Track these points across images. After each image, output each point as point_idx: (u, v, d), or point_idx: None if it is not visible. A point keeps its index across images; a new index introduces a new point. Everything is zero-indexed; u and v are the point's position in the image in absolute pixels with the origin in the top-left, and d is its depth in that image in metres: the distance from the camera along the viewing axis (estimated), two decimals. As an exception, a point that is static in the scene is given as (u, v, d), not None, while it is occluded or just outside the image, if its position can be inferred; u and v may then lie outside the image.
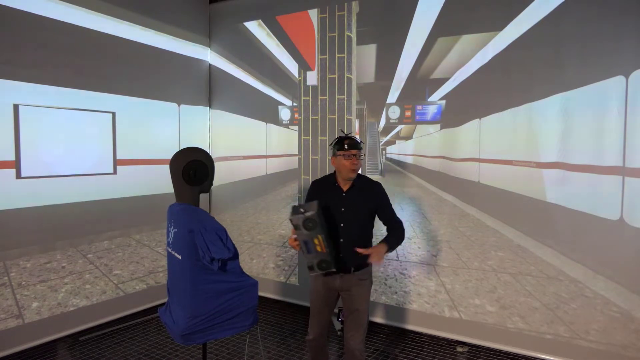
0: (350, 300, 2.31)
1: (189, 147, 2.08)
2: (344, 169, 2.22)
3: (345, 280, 2.27)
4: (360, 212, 2.26)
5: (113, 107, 3.77)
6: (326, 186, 2.32)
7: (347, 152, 2.19)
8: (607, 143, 2.76)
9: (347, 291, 2.30)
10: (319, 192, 2.32)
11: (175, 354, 3.24)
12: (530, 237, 3.10)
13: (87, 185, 3.59)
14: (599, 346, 2.83)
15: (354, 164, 2.20)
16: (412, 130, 3.71)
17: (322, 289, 2.34)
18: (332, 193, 2.28)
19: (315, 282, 2.36)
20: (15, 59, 3.11)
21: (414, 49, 3.50)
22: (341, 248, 2.23)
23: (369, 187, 2.32)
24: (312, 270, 2.12)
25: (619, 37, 2.71)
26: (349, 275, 2.26)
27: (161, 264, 4.18)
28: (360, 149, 2.22)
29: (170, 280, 2.11)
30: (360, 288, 2.29)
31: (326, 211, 2.20)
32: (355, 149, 2.20)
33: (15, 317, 3.12)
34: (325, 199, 2.24)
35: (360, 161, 2.23)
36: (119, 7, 3.76)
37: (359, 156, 2.21)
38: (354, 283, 2.28)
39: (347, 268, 2.25)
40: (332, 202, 2.25)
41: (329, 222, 2.19)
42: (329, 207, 2.24)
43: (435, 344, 3.41)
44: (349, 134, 2.29)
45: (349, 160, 2.19)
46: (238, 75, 4.54)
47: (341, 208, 2.25)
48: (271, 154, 4.43)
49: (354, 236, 2.24)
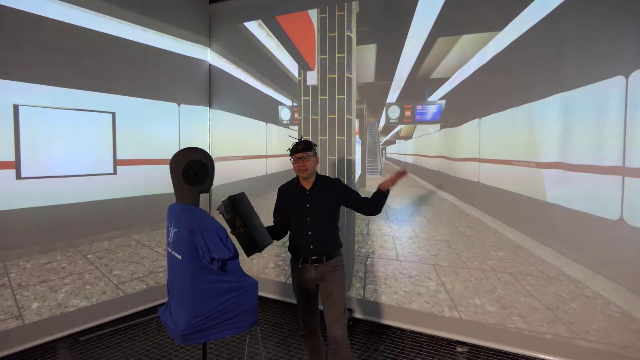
0: (325, 287, 2.52)
1: (189, 147, 2.08)
2: (295, 170, 2.51)
3: (319, 269, 2.50)
4: (323, 207, 2.51)
5: (113, 107, 3.77)
6: (291, 188, 2.59)
7: (293, 156, 2.47)
8: (607, 143, 2.76)
9: (322, 280, 2.52)
10: (284, 194, 2.61)
11: (175, 354, 3.24)
12: (530, 237, 3.10)
13: (87, 186, 3.59)
14: (599, 346, 2.83)
15: (301, 165, 2.45)
16: (412, 130, 3.71)
17: (301, 283, 2.55)
18: (297, 193, 2.55)
19: (293, 278, 2.60)
20: (15, 59, 3.11)
21: (414, 49, 3.50)
22: (311, 240, 2.48)
23: (329, 183, 2.58)
24: (247, 252, 2.26)
25: (619, 37, 2.71)
26: (321, 264, 2.49)
27: (161, 264, 4.17)
28: (307, 151, 2.44)
29: (170, 281, 2.11)
30: (333, 274, 2.51)
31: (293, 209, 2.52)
32: (301, 152, 2.44)
33: (15, 318, 3.12)
34: (291, 199, 2.55)
35: (308, 162, 2.45)
36: (119, 7, 3.76)
37: (305, 158, 2.44)
38: (327, 270, 2.50)
39: (320, 258, 2.49)
40: (298, 200, 2.52)
41: (297, 218, 2.51)
42: (296, 204, 2.52)
43: (435, 344, 3.41)
44: (300, 139, 2.53)
45: (296, 163, 2.46)
46: (238, 75, 4.54)
47: (306, 204, 2.50)
48: (271, 154, 4.43)
49: (321, 228, 2.50)
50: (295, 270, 2.58)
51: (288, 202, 2.55)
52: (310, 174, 2.49)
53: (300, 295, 2.58)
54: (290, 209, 2.54)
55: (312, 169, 2.49)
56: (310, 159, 2.46)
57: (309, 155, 2.45)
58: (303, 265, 2.51)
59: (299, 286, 2.57)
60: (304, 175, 2.49)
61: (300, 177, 2.53)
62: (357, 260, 3.87)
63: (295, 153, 2.45)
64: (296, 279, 2.58)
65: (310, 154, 2.46)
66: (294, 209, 2.53)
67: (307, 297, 2.57)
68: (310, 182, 2.53)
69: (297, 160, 2.46)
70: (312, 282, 2.54)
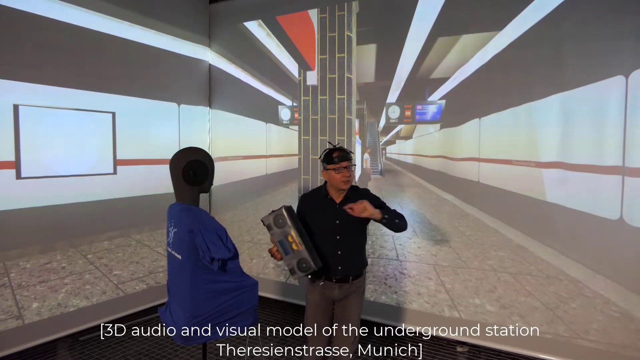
0: (343, 310, 2.29)
1: (189, 147, 2.08)
2: (336, 182, 2.16)
3: (343, 290, 2.26)
4: (355, 223, 2.19)
5: (113, 107, 3.77)
6: (318, 199, 2.27)
7: (337, 165, 2.13)
8: (607, 143, 2.76)
9: (344, 300, 2.28)
10: (310, 206, 2.28)
11: (175, 354, 3.24)
12: (530, 236, 3.10)
13: (87, 186, 3.59)
14: (599, 346, 2.83)
15: (346, 176, 2.14)
16: (412, 130, 3.71)
17: (320, 301, 2.30)
18: (325, 206, 2.23)
19: (312, 294, 2.32)
20: (15, 59, 3.11)
21: (414, 49, 3.50)
22: (340, 259, 2.21)
23: (360, 195, 2.24)
24: (294, 273, 2.07)
25: (619, 37, 2.71)
26: (347, 284, 2.25)
27: (161, 264, 4.17)
28: (351, 160, 2.17)
29: (170, 280, 2.11)
30: (356, 296, 2.29)
31: (320, 224, 2.21)
32: (346, 161, 2.14)
33: (15, 318, 3.12)
34: (318, 213, 2.23)
35: (352, 172, 2.18)
36: (119, 7, 3.76)
37: (350, 168, 2.15)
38: (352, 290, 2.27)
39: (347, 278, 2.24)
40: (327, 214, 2.22)
41: (324, 235, 2.20)
42: (324, 220, 2.22)
43: (435, 344, 3.41)
44: (337, 145, 2.24)
45: (340, 173, 2.13)
46: (238, 75, 4.54)
47: (336, 220, 2.21)
48: (271, 154, 4.43)
49: (351, 246, 2.23)
50: (314, 288, 2.30)
51: (314, 216, 2.23)
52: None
53: (317, 313, 2.31)
54: (316, 223, 2.22)
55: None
56: (354, 169, 2.21)
57: (353, 164, 2.20)
58: (326, 284, 2.25)
59: (317, 304, 2.30)
60: (346, 187, 2.19)
61: (336, 188, 2.20)
62: (357, 260, 3.87)
63: (343, 161, 2.13)
64: (315, 297, 2.30)
65: (354, 163, 2.21)
66: (321, 224, 2.22)
67: (323, 316, 2.31)
68: (342, 195, 2.22)
69: (341, 170, 2.13)
70: (331, 303, 2.31)
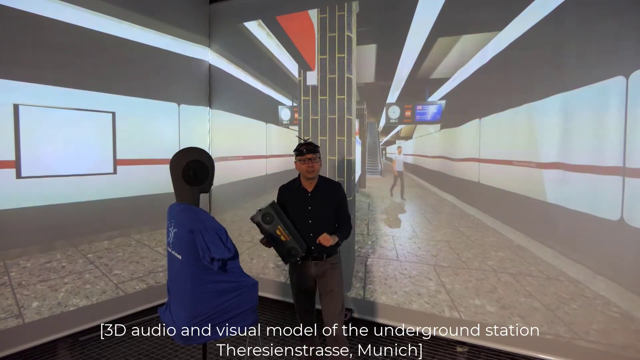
0: (325, 283, 2.58)
1: (189, 147, 2.08)
2: (302, 171, 2.52)
3: (319, 266, 2.55)
4: (324, 209, 2.54)
5: (113, 107, 3.77)
6: (292, 189, 2.61)
7: (303, 157, 2.48)
8: (607, 143, 2.76)
9: (322, 276, 2.57)
10: (287, 195, 2.61)
11: (175, 354, 3.24)
12: (530, 237, 3.10)
13: (87, 185, 3.59)
14: (599, 346, 2.83)
15: (310, 166, 2.48)
16: (412, 130, 3.71)
17: (300, 280, 2.59)
18: (298, 194, 2.57)
19: (293, 275, 2.63)
20: (15, 58, 3.11)
21: (414, 49, 3.50)
22: (313, 241, 2.48)
23: (330, 186, 2.62)
24: (286, 260, 2.46)
25: (619, 37, 2.71)
26: (322, 262, 2.55)
27: (161, 264, 4.17)
28: (315, 153, 2.49)
29: (170, 280, 2.11)
30: (333, 271, 2.58)
31: (295, 210, 2.53)
32: (311, 154, 2.47)
33: (16, 317, 3.12)
34: (292, 200, 2.57)
35: (317, 163, 2.50)
36: (119, 7, 3.76)
37: (314, 159, 2.48)
38: (327, 267, 2.56)
39: (320, 256, 2.54)
40: (300, 202, 2.55)
41: (298, 219, 2.51)
42: (298, 206, 2.54)
43: (435, 344, 3.41)
44: (306, 139, 2.59)
45: (305, 164, 2.48)
46: (238, 75, 4.54)
47: (308, 207, 2.53)
48: (271, 154, 4.43)
49: (321, 230, 2.48)
50: (294, 267, 2.61)
51: (289, 203, 2.57)
52: (316, 175, 2.54)
53: (299, 291, 2.62)
54: (291, 210, 2.55)
55: (318, 171, 2.54)
56: (318, 161, 2.51)
57: (318, 156, 2.51)
58: (303, 262, 2.54)
59: (298, 283, 2.60)
60: (312, 177, 2.52)
61: (304, 178, 2.55)
62: (357, 260, 3.87)
63: (305, 154, 2.48)
64: (295, 276, 2.61)
65: (318, 156, 2.52)
66: (295, 211, 2.54)
67: (305, 293, 2.61)
68: (312, 184, 2.56)
69: (305, 162, 2.48)
70: (312, 279, 2.59)
